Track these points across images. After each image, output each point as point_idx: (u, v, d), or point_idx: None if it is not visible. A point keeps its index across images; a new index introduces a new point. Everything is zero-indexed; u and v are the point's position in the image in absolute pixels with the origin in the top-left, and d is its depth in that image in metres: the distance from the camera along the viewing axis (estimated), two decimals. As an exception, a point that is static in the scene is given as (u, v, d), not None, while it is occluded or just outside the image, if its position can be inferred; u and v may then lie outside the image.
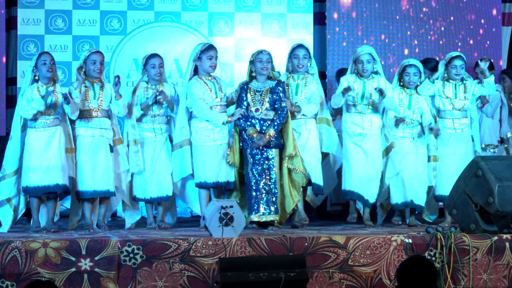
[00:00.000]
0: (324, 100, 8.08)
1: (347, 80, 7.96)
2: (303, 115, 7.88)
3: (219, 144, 7.78)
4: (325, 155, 8.08)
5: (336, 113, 8.54)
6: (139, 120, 7.85)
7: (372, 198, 7.94)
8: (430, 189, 8.04)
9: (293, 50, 7.97)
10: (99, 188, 7.62)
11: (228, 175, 7.77)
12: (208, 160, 7.75)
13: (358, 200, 8.03)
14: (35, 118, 7.49)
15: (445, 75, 8.06)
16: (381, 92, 7.81)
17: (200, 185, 7.78)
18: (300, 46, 8.01)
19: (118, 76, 7.71)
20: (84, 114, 7.66)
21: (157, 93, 7.74)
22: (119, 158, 7.78)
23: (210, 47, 7.90)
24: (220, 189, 7.86)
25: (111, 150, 7.72)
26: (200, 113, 7.73)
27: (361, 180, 7.90)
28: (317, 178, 7.87)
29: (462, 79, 8.07)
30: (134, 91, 7.88)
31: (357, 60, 7.96)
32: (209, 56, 7.82)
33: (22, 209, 7.68)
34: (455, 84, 8.04)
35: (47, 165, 7.48)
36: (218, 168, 7.74)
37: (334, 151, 8.07)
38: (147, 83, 7.89)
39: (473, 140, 8.07)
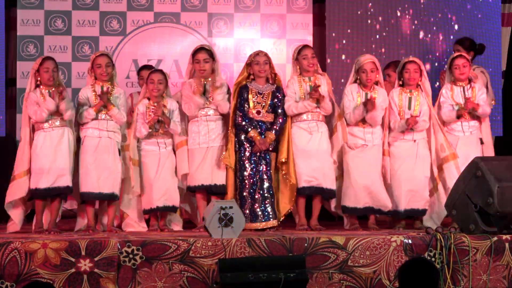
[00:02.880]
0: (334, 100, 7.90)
1: (351, 91, 7.80)
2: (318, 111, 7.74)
3: (204, 147, 7.73)
4: None
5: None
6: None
7: (384, 207, 7.72)
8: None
9: (300, 51, 7.82)
10: (104, 190, 7.57)
11: (215, 178, 7.72)
12: (191, 164, 7.75)
13: (365, 213, 7.79)
14: (46, 120, 7.47)
15: (452, 78, 7.99)
16: (373, 104, 7.63)
17: (187, 188, 7.81)
18: (306, 46, 7.92)
19: (105, 89, 7.62)
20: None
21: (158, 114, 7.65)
22: (127, 164, 7.74)
23: (197, 51, 7.83)
24: (204, 193, 7.79)
25: (119, 153, 7.66)
26: (185, 111, 7.76)
27: (367, 194, 7.70)
28: (329, 183, 7.71)
29: (469, 82, 7.99)
30: (134, 110, 7.80)
31: (360, 70, 7.77)
32: (196, 60, 7.79)
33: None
34: (463, 88, 7.98)
35: (58, 167, 7.47)
36: (200, 171, 7.70)
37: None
38: (148, 99, 7.81)
39: (482, 143, 7.97)
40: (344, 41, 9.93)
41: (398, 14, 10.02)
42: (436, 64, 9.74)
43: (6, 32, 9.51)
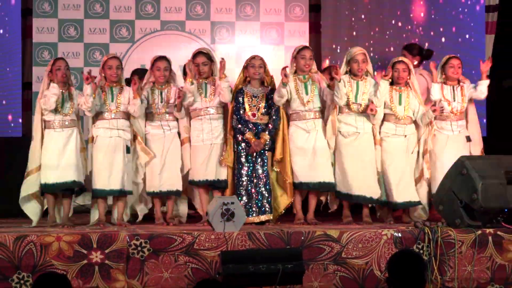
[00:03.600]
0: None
1: (342, 81, 7.75)
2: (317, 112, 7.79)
3: (208, 144, 7.78)
4: None
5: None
6: (148, 118, 7.86)
7: (375, 194, 7.72)
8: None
9: (299, 51, 7.82)
10: (115, 187, 7.61)
11: (219, 173, 7.77)
12: (196, 159, 7.78)
13: (358, 201, 7.78)
14: (55, 110, 7.52)
15: (443, 77, 8.00)
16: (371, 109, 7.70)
17: (190, 183, 7.83)
18: (306, 47, 7.93)
19: (135, 77, 7.72)
20: (103, 116, 7.69)
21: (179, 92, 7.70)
22: (135, 156, 7.79)
23: (196, 54, 7.86)
24: (207, 187, 7.84)
25: (128, 151, 7.71)
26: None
27: (359, 181, 7.70)
28: (327, 176, 7.71)
29: (459, 82, 8.02)
30: (141, 88, 7.83)
31: (352, 60, 7.78)
32: (195, 63, 7.82)
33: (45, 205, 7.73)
34: (453, 87, 8.01)
35: (65, 163, 7.52)
36: (205, 166, 7.74)
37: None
38: (154, 83, 7.88)
39: (469, 141, 7.98)
40: (338, 50, 9.97)
41: (393, 22, 10.04)
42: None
43: (23, 39, 9.54)
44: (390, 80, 7.87)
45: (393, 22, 10.03)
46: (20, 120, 9.44)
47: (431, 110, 7.76)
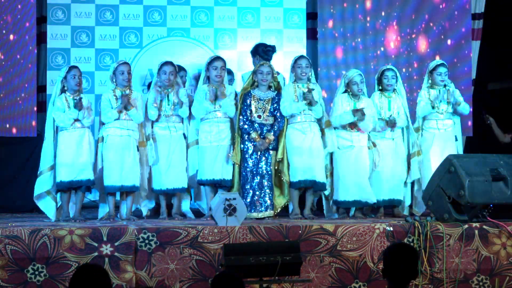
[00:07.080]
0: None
1: (341, 100, 7.78)
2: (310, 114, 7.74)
3: (215, 145, 7.73)
4: None
5: None
6: (156, 120, 7.80)
7: (371, 199, 7.68)
8: (413, 183, 7.98)
9: (296, 60, 7.80)
10: (126, 183, 7.57)
11: (224, 173, 7.72)
12: (204, 160, 7.73)
13: (354, 206, 7.74)
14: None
15: (430, 81, 7.99)
16: (362, 113, 7.65)
17: (198, 182, 7.80)
18: (302, 56, 7.89)
19: (124, 94, 7.62)
20: None
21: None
22: (143, 158, 7.74)
23: (215, 59, 7.83)
24: (213, 185, 7.78)
25: (137, 149, 7.66)
26: (193, 112, 7.75)
27: (356, 188, 7.65)
28: (320, 176, 7.68)
29: (444, 85, 7.99)
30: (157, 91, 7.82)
31: (350, 83, 7.74)
32: (214, 67, 7.77)
33: (59, 201, 7.65)
34: (439, 90, 7.97)
35: (79, 162, 7.47)
36: (213, 166, 7.69)
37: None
38: (160, 87, 7.84)
39: (456, 140, 7.97)
40: (334, 54, 9.93)
41: (387, 29, 10.00)
42: (415, 77, 9.75)
43: (38, 45, 9.52)
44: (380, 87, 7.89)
45: (387, 29, 9.99)
46: (35, 121, 9.40)
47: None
